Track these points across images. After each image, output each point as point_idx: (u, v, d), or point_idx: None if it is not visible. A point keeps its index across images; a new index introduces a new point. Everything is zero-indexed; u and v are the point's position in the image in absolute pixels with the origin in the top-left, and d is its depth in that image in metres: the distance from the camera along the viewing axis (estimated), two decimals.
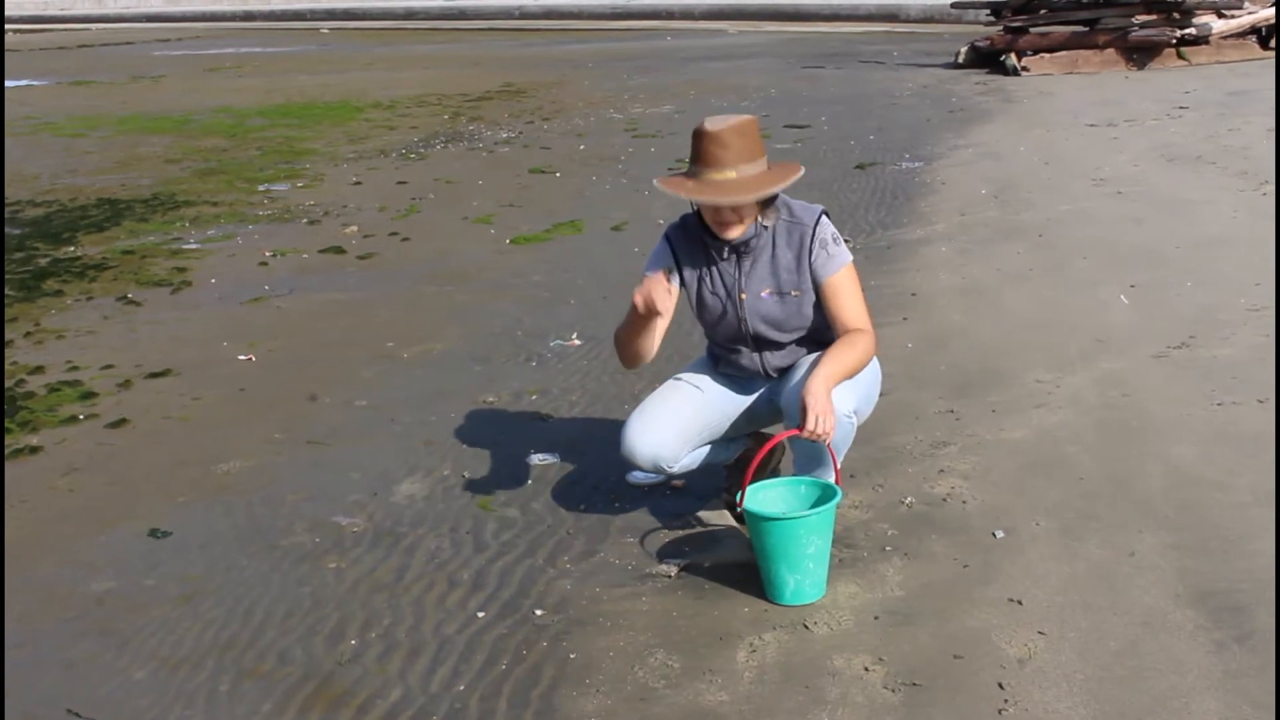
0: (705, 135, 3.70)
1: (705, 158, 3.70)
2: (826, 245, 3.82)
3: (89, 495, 4.73)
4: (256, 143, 13.34)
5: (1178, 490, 4.11)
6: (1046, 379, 5.17)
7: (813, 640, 3.42)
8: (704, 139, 3.70)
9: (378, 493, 4.56)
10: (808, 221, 3.83)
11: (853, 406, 3.81)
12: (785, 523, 3.56)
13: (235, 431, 5.25)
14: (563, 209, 9.25)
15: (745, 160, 3.70)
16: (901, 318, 6.09)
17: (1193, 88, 13.23)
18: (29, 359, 6.34)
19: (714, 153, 3.68)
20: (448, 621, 3.65)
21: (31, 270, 8.17)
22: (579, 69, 19.22)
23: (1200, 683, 3.10)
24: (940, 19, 23.47)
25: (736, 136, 3.69)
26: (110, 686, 3.44)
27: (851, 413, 3.80)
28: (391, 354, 6.16)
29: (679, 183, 3.76)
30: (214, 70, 22.25)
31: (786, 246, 3.83)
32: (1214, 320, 5.70)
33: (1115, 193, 8.53)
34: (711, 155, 3.69)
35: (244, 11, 37.84)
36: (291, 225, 9.25)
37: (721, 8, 29.10)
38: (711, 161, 3.69)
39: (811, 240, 3.81)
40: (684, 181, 3.75)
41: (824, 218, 3.86)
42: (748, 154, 3.70)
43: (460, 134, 13.25)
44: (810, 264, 3.82)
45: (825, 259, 3.82)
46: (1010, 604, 3.52)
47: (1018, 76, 15.36)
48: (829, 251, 3.82)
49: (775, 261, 3.84)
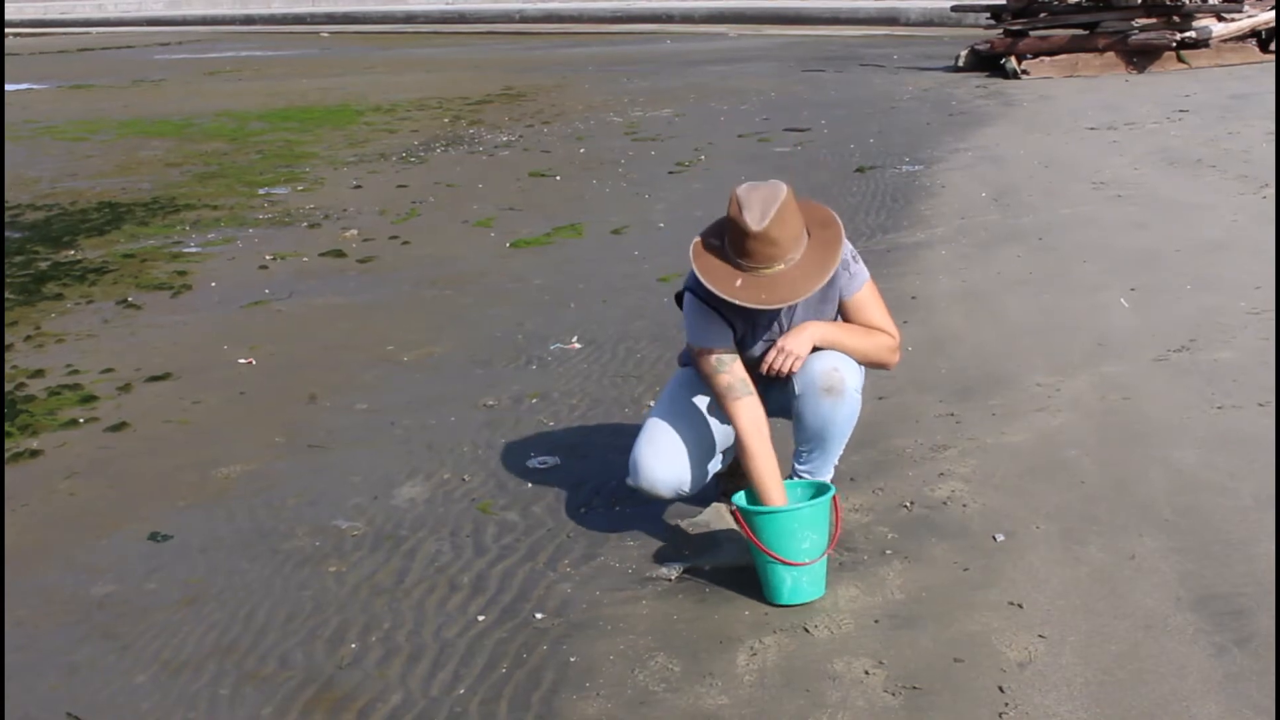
0: (751, 236, 3.54)
1: (753, 255, 3.57)
2: (849, 266, 3.82)
3: (89, 499, 4.73)
4: (257, 146, 13.34)
5: (1178, 494, 4.11)
6: (1047, 382, 5.17)
7: (813, 644, 3.42)
8: (749, 240, 3.54)
9: (378, 496, 4.56)
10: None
11: (859, 383, 3.86)
12: (778, 516, 3.56)
13: (235, 435, 5.25)
14: (563, 212, 9.25)
15: (793, 249, 3.60)
16: (902, 321, 6.03)
17: (1193, 91, 13.24)
18: (29, 362, 6.34)
19: (763, 252, 3.55)
20: (448, 625, 3.65)
21: (32, 274, 8.18)
22: (579, 72, 19.23)
23: (1201, 686, 3.10)
24: (940, 22, 23.50)
25: (781, 229, 3.54)
26: (111, 690, 3.44)
27: (858, 389, 3.84)
28: (392, 357, 6.16)
29: (727, 282, 3.60)
30: (214, 74, 22.26)
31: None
32: (1214, 323, 5.70)
33: (1115, 196, 8.53)
34: (761, 254, 3.56)
35: (244, 15, 37.88)
36: (292, 229, 9.26)
37: (721, 11, 29.12)
38: (761, 259, 3.57)
39: (841, 265, 3.76)
40: (732, 279, 3.59)
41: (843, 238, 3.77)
42: (793, 240, 3.59)
43: (460, 138, 13.25)
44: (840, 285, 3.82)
45: (848, 279, 3.83)
46: (1011, 607, 3.52)
47: (1018, 80, 15.36)
48: (850, 272, 3.83)
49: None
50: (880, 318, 3.89)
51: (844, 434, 3.91)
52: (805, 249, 3.64)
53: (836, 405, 3.79)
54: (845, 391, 3.79)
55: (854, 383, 3.82)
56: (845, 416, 3.84)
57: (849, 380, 3.79)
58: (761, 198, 3.57)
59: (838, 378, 3.76)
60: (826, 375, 3.76)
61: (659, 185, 10.09)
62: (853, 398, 3.82)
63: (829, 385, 3.76)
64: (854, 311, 3.86)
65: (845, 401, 3.81)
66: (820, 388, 3.77)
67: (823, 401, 3.79)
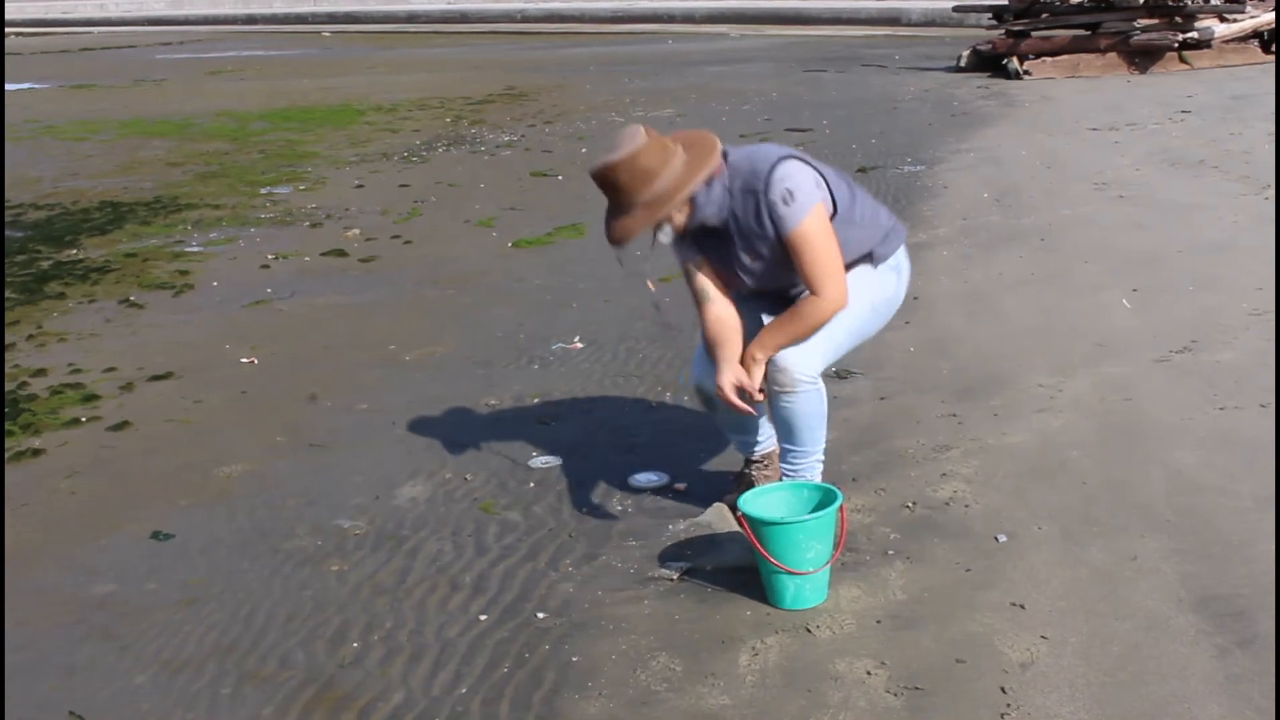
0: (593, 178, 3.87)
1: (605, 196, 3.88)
2: (776, 208, 3.78)
3: (90, 498, 4.73)
4: (258, 146, 13.35)
5: (1179, 495, 4.11)
6: (1048, 383, 5.17)
7: (815, 644, 3.42)
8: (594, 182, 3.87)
9: (379, 496, 4.56)
10: (759, 187, 3.80)
11: (817, 366, 3.91)
12: (784, 527, 3.56)
13: (237, 434, 5.25)
14: (564, 212, 9.25)
15: (639, 192, 3.79)
16: (904, 321, 6.07)
17: (1195, 92, 13.24)
18: (31, 361, 6.34)
19: (606, 193, 3.87)
20: (450, 625, 3.65)
21: (34, 273, 8.18)
22: (581, 72, 19.23)
23: (1202, 687, 3.10)
24: (942, 23, 23.50)
25: (611, 175, 3.79)
26: (111, 690, 3.44)
27: (815, 376, 3.90)
28: (393, 357, 6.16)
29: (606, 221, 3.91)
30: (216, 74, 22.26)
31: (750, 212, 3.84)
32: (1216, 324, 5.70)
33: (1117, 197, 8.53)
34: (607, 196, 3.87)
35: (246, 15, 37.89)
36: (293, 228, 9.26)
37: (723, 11, 29.12)
38: (610, 200, 3.88)
39: (765, 205, 3.80)
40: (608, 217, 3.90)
41: (774, 174, 3.78)
42: (635, 185, 3.78)
43: (462, 137, 13.26)
44: (765, 228, 3.83)
45: (779, 220, 3.79)
46: (1012, 608, 3.52)
47: (1020, 80, 15.36)
48: (779, 214, 3.78)
49: (749, 228, 3.86)
50: (809, 265, 3.80)
51: (811, 426, 3.97)
52: (662, 188, 3.78)
53: (793, 400, 3.90)
54: (796, 386, 3.88)
55: (803, 374, 3.87)
56: (805, 410, 3.93)
57: (797, 372, 3.86)
58: (612, 145, 3.82)
59: (787, 377, 3.87)
60: (775, 377, 3.89)
61: None
62: (806, 390, 3.89)
63: (780, 385, 3.89)
64: (791, 254, 3.81)
65: (800, 395, 3.90)
66: (775, 389, 3.91)
67: (780, 400, 3.93)
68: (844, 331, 3.95)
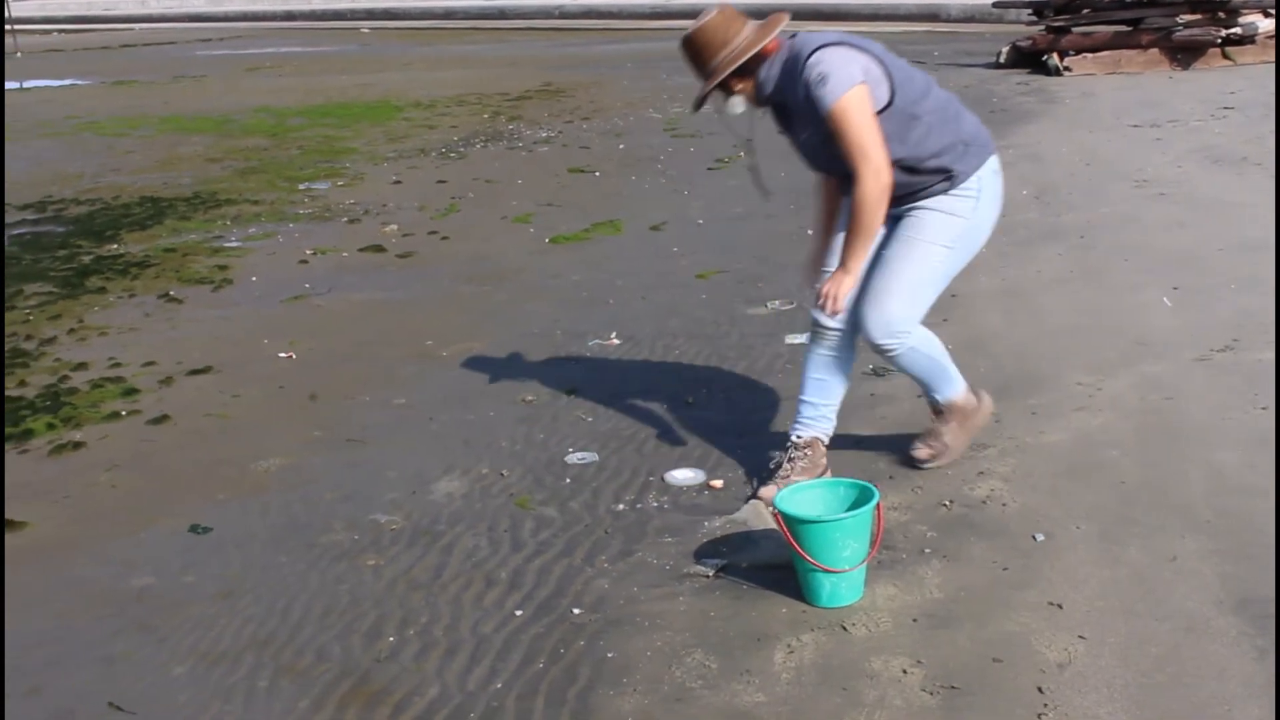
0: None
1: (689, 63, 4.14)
2: (811, 88, 3.94)
3: (129, 491, 4.77)
4: (297, 142, 13.41)
5: (1219, 495, 4.08)
6: (1087, 381, 5.13)
7: (851, 642, 3.41)
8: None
9: (415, 491, 4.58)
10: (797, 69, 4.00)
11: (896, 325, 4.11)
12: (820, 525, 3.55)
13: (274, 429, 5.28)
14: (601, 209, 9.26)
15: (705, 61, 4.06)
16: (941, 319, 6.04)
17: (1238, 88, 13.10)
18: (72, 355, 6.40)
19: (688, 61, 4.15)
20: (485, 620, 3.66)
21: (75, 267, 8.25)
22: (618, 69, 19.22)
23: (1242, 690, 3.07)
24: (981, 19, 23.33)
25: (694, 41, 4.09)
26: (149, 682, 3.46)
27: (898, 337, 4.11)
28: (430, 353, 6.18)
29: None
30: (255, 70, 22.38)
31: (798, 92, 4.01)
32: (1257, 324, 5.64)
33: (1158, 194, 8.46)
34: (689, 62, 4.15)
35: (285, 11, 38.04)
36: (331, 224, 9.30)
37: (761, 8, 29.02)
38: (693, 67, 4.14)
39: (803, 85, 3.98)
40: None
41: (811, 58, 3.96)
42: (703, 57, 4.06)
43: (499, 133, 13.28)
44: (804, 106, 4.01)
45: (816, 101, 3.94)
46: (1050, 608, 3.50)
47: (1060, 77, 15.25)
48: (814, 94, 3.94)
49: (798, 107, 4.05)
50: (844, 144, 3.94)
51: (929, 372, 4.29)
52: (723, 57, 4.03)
53: (894, 362, 4.24)
54: (884, 350, 4.16)
55: (884, 339, 4.11)
56: (909, 366, 4.25)
57: (878, 340, 4.12)
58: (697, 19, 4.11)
59: (876, 349, 4.18)
60: (865, 335, 4.15)
61: (698, 182, 10.08)
62: (894, 351, 4.14)
63: (870, 344, 4.18)
64: (833, 132, 3.96)
65: (895, 359, 4.19)
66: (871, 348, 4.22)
67: (889, 363, 4.27)
68: (917, 281, 4.15)
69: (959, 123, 4.12)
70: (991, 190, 4.19)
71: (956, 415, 4.40)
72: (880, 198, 3.93)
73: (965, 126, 4.13)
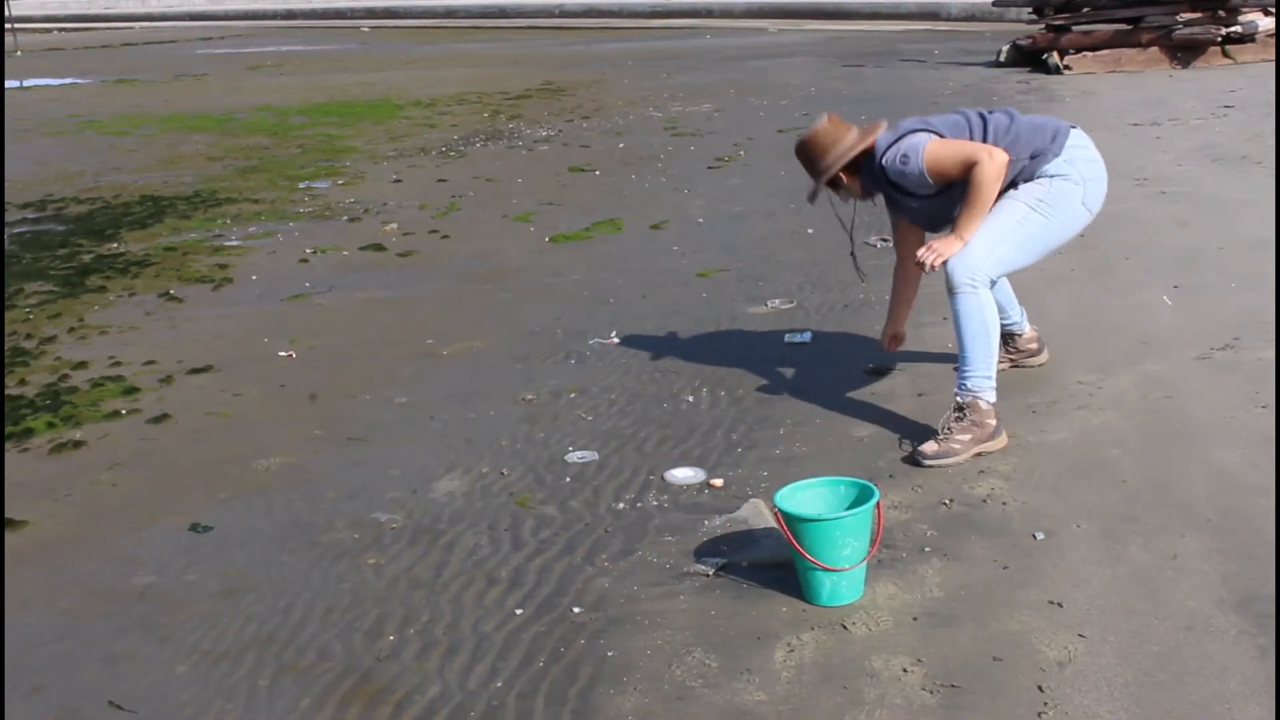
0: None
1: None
2: (902, 176, 4.58)
3: (131, 490, 4.77)
4: (297, 141, 13.42)
5: (1221, 494, 4.08)
6: (1088, 380, 5.14)
7: (851, 641, 3.41)
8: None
9: (417, 490, 4.58)
10: (875, 169, 4.65)
11: (973, 270, 4.47)
12: (820, 524, 3.55)
13: (275, 428, 5.28)
14: (602, 207, 9.26)
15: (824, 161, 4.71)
16: (941, 318, 6.05)
17: (1238, 86, 13.10)
18: (73, 354, 6.40)
19: (802, 165, 4.83)
20: (486, 619, 3.66)
21: (75, 266, 8.26)
22: (618, 67, 19.22)
23: (1243, 689, 3.07)
24: (982, 17, 23.32)
25: (806, 149, 4.77)
26: (151, 680, 3.47)
27: (971, 280, 4.46)
28: (431, 351, 6.18)
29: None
30: (256, 68, 22.38)
31: (887, 181, 4.67)
32: (1258, 322, 5.64)
33: (1159, 193, 8.46)
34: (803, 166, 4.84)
35: (286, 10, 38.03)
36: (332, 223, 9.30)
37: (762, 6, 29.02)
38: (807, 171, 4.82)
39: (895, 178, 4.61)
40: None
41: (884, 161, 4.60)
42: (821, 156, 4.72)
43: (500, 132, 13.28)
44: (907, 183, 4.60)
45: (911, 177, 4.55)
46: (1050, 606, 3.50)
47: (1060, 75, 15.24)
48: (905, 169, 4.55)
49: (892, 190, 4.70)
50: (950, 167, 4.49)
51: (972, 333, 4.50)
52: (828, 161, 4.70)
53: (953, 301, 4.51)
54: (954, 287, 4.49)
55: (960, 275, 4.46)
56: (961, 312, 4.49)
57: (954, 273, 4.48)
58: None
59: (947, 279, 4.51)
60: (945, 277, 4.53)
61: (698, 180, 10.08)
62: (962, 291, 4.47)
63: (946, 284, 4.53)
64: (940, 177, 4.54)
65: (956, 298, 4.49)
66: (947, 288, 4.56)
67: (950, 303, 4.56)
68: (997, 232, 4.54)
69: (1046, 124, 4.75)
70: (1084, 166, 4.77)
71: (972, 419, 4.42)
72: (997, 174, 4.45)
73: (1054, 123, 4.77)
